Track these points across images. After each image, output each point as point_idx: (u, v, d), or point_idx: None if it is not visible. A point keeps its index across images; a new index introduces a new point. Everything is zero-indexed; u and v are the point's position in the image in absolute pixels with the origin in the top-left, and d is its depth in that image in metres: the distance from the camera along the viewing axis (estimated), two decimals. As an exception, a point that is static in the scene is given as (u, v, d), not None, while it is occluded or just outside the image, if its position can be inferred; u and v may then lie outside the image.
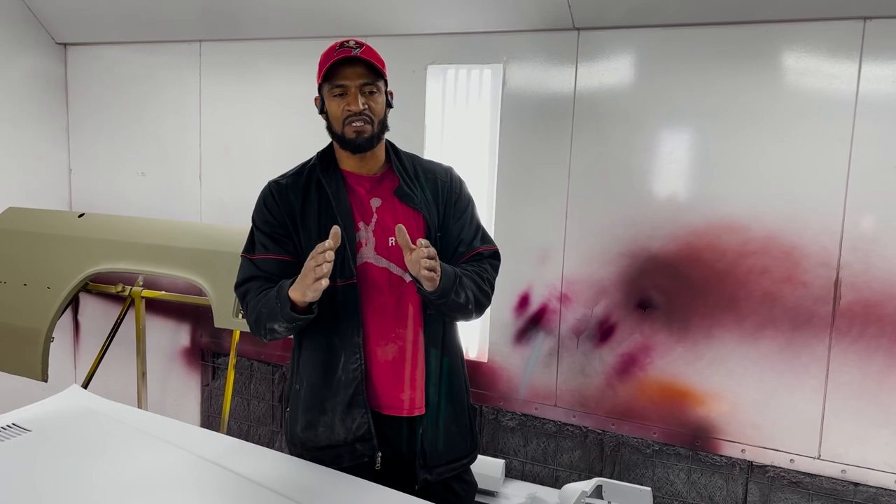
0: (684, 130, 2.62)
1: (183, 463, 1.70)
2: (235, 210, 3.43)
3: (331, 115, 1.80)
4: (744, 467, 2.61)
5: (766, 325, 2.52)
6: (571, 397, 2.86)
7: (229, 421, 3.15)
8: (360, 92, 1.76)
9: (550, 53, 2.77)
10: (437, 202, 1.88)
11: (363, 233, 1.81)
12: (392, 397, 1.82)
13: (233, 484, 1.61)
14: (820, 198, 2.42)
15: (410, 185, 1.85)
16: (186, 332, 3.76)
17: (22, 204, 3.51)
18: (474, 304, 1.78)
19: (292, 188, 1.85)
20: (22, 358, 3.08)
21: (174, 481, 1.62)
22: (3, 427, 1.83)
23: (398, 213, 1.83)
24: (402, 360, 1.82)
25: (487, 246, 1.94)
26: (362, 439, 1.80)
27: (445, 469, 1.88)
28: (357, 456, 1.82)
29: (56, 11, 3.68)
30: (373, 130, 1.78)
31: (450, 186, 1.92)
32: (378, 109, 1.79)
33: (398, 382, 1.82)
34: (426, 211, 1.84)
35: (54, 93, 3.89)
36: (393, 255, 1.81)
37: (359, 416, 1.79)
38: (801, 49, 2.40)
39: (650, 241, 2.67)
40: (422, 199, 1.85)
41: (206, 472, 1.66)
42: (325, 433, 1.82)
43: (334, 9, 3.02)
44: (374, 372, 1.81)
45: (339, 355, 1.79)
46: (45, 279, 3.08)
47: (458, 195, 1.93)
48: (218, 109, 3.53)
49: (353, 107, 1.75)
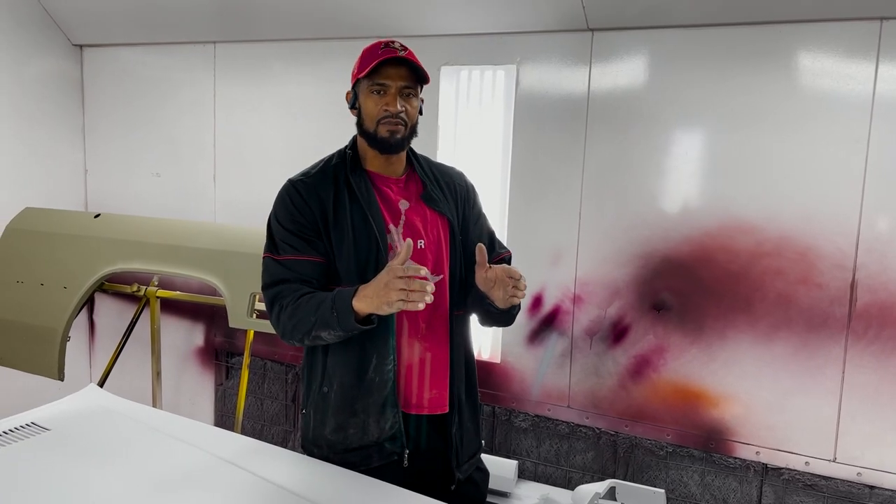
0: (698, 131, 2.61)
1: (199, 463, 1.71)
2: (249, 210, 3.45)
3: (365, 112, 1.78)
4: (758, 470, 2.60)
5: (781, 327, 2.51)
6: (585, 398, 2.85)
7: (243, 420, 3.17)
8: (399, 94, 1.75)
9: (564, 54, 2.77)
10: (457, 206, 1.91)
11: (393, 235, 1.81)
12: (418, 396, 1.83)
13: (250, 484, 1.62)
14: (835, 199, 2.41)
15: (434, 188, 1.87)
16: (201, 332, 3.79)
17: (39, 204, 3.54)
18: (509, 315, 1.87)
19: (321, 186, 1.80)
20: (39, 357, 3.11)
21: (191, 481, 1.63)
22: (23, 426, 1.84)
23: (427, 216, 1.84)
24: (430, 360, 1.83)
25: (506, 251, 2.01)
26: (391, 438, 1.81)
27: (468, 465, 1.93)
28: (386, 455, 1.81)
29: (72, 13, 3.71)
30: (405, 133, 1.78)
31: (466, 191, 1.96)
32: (413, 114, 1.79)
33: (425, 381, 1.83)
34: (450, 215, 1.86)
35: (70, 94, 3.93)
36: (422, 258, 1.81)
37: (391, 416, 1.80)
38: (817, 50, 2.39)
39: (664, 242, 2.67)
40: (444, 203, 1.87)
41: (223, 472, 1.67)
42: (357, 435, 1.80)
43: (348, 10, 3.03)
44: (403, 372, 1.82)
45: (371, 357, 1.78)
46: (62, 279, 3.10)
47: (473, 200, 1.97)
48: (232, 110, 3.55)
49: (391, 107, 1.74)
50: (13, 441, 1.76)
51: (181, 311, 3.77)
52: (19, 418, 1.88)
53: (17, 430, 1.82)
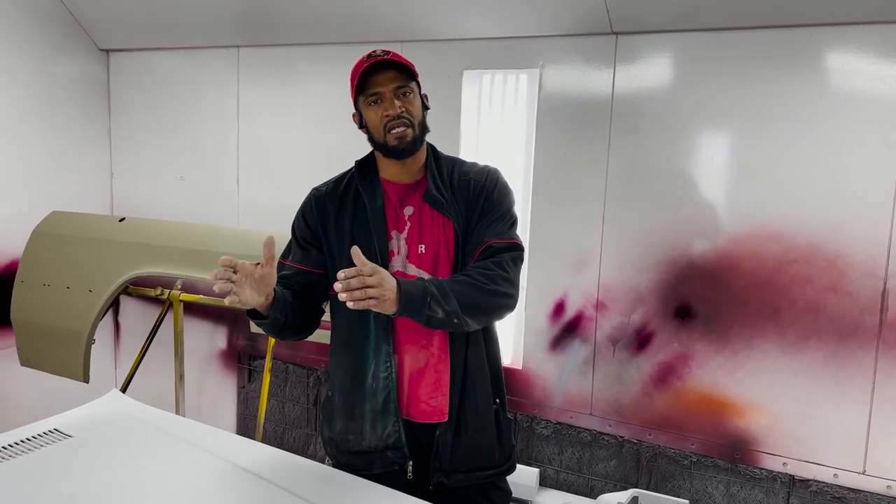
0: (724, 135, 2.57)
1: (218, 472, 1.71)
2: (272, 214, 3.46)
3: (370, 125, 1.79)
4: (785, 481, 2.55)
5: (810, 336, 2.46)
6: (607, 406, 2.82)
7: (265, 424, 3.18)
8: (394, 95, 1.75)
9: (588, 58, 2.73)
10: (468, 205, 1.82)
11: (395, 242, 1.81)
12: (423, 404, 1.82)
13: (269, 495, 1.61)
14: (866, 205, 2.35)
15: (441, 189, 1.81)
16: (223, 335, 3.81)
17: (65, 207, 3.58)
18: (464, 315, 1.68)
19: (330, 196, 1.88)
20: (64, 359, 3.15)
21: (209, 490, 1.63)
22: (46, 432, 1.86)
23: (425, 220, 1.81)
24: (431, 367, 1.81)
25: (501, 239, 1.78)
26: (393, 447, 1.81)
27: (466, 477, 1.85)
28: (388, 463, 1.83)
29: (99, 19, 3.75)
30: (414, 133, 1.77)
31: (481, 187, 1.83)
32: (415, 111, 1.78)
33: (428, 389, 1.81)
34: (455, 215, 1.80)
35: (97, 98, 3.97)
36: (423, 263, 1.80)
37: (389, 423, 1.80)
38: (847, 52, 2.34)
39: (689, 247, 2.62)
40: (451, 203, 1.81)
41: (243, 481, 1.67)
42: (356, 440, 1.84)
43: (371, 14, 3.03)
44: (406, 380, 1.81)
45: (370, 363, 1.80)
46: (87, 282, 3.13)
47: (487, 195, 1.82)
48: (256, 114, 3.56)
49: (390, 111, 1.74)
50: (36, 448, 1.78)
51: (204, 314, 3.80)
52: (42, 424, 1.90)
53: (40, 437, 1.83)
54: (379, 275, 1.56)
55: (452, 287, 1.67)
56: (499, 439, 1.89)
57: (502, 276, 1.73)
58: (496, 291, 1.72)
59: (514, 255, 1.79)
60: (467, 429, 1.82)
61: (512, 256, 1.79)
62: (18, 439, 1.82)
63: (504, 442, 1.90)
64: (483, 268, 1.73)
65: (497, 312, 1.78)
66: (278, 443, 3.65)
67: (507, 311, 1.80)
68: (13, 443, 1.80)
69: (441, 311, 1.63)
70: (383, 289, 1.56)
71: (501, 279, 1.73)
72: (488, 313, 1.76)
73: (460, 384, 1.81)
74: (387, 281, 1.58)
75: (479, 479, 1.87)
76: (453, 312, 1.65)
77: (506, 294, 1.74)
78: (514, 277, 1.77)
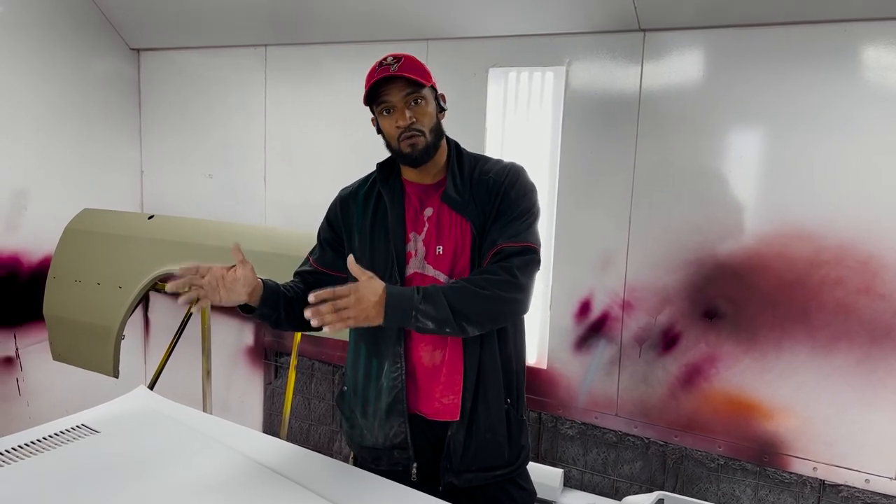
0: (754, 133, 2.53)
1: (243, 469, 1.72)
2: (299, 212, 3.48)
3: (385, 133, 1.81)
4: (815, 486, 2.50)
5: (841, 338, 2.41)
6: (633, 407, 2.79)
7: (290, 420, 3.20)
8: (405, 105, 1.75)
9: (615, 55, 2.71)
10: (485, 205, 1.79)
11: (413, 244, 1.81)
12: (437, 402, 1.82)
13: (293, 493, 1.62)
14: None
15: (460, 189, 1.79)
16: (250, 332, 3.84)
17: (96, 204, 3.64)
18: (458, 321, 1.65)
19: (353, 198, 1.91)
20: (95, 354, 3.20)
21: (234, 487, 1.64)
22: (73, 427, 1.89)
23: (443, 221, 1.81)
24: (444, 367, 1.80)
25: (514, 241, 1.74)
26: (399, 447, 1.83)
27: (476, 476, 1.83)
28: (393, 462, 1.86)
29: (130, 18, 3.80)
30: (426, 141, 1.76)
31: (499, 186, 1.79)
32: (426, 119, 1.76)
33: (439, 388, 1.81)
34: (472, 216, 1.78)
35: (128, 96, 4.03)
36: (440, 264, 1.79)
37: (396, 424, 1.81)
38: (881, 48, 2.28)
39: (717, 247, 2.59)
40: (469, 203, 1.79)
41: (266, 479, 1.68)
42: (365, 435, 1.89)
43: (396, 13, 3.03)
44: (418, 379, 1.82)
45: (383, 362, 1.82)
46: (117, 279, 3.18)
47: (504, 194, 1.78)
48: (282, 112, 3.58)
49: (400, 122, 1.75)
50: (64, 443, 1.81)
51: (231, 311, 3.80)
52: (70, 420, 1.93)
53: (68, 432, 1.87)
54: (357, 293, 1.57)
55: (446, 294, 1.65)
56: (509, 439, 1.87)
57: (506, 281, 1.70)
58: (495, 297, 1.68)
59: (525, 259, 1.74)
60: (479, 428, 1.81)
61: (523, 260, 1.74)
62: (46, 434, 1.85)
63: (514, 441, 1.88)
64: (488, 272, 1.71)
65: (498, 317, 1.75)
66: (304, 439, 3.68)
67: (513, 315, 1.79)
68: (41, 437, 1.83)
69: (429, 319, 1.63)
70: (360, 307, 1.57)
71: (505, 283, 1.69)
72: (488, 319, 1.72)
73: (474, 384, 1.80)
74: (366, 298, 1.58)
75: (488, 479, 1.86)
76: (444, 320, 1.63)
77: (507, 299, 1.70)
78: (522, 281, 1.72)
